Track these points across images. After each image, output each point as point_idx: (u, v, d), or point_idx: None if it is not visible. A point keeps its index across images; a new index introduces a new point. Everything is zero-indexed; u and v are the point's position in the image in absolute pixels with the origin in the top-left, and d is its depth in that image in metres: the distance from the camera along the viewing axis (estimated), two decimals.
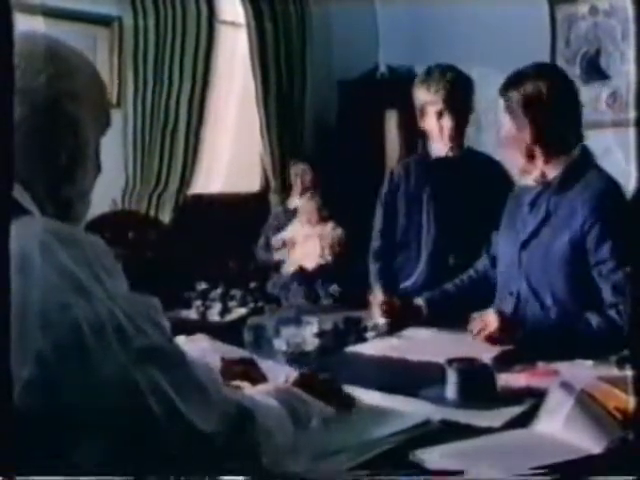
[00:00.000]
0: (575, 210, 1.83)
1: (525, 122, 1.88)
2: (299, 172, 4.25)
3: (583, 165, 1.89)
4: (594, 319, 1.74)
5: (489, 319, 1.78)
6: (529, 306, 1.88)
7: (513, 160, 1.97)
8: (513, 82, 1.91)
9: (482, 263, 2.19)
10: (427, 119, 2.51)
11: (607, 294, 1.78)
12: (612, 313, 1.74)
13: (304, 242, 4.10)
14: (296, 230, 4.13)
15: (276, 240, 4.13)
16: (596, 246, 1.79)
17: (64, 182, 1.01)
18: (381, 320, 2.03)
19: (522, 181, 2.01)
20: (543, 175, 1.92)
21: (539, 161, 1.91)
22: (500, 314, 1.80)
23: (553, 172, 1.90)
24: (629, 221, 1.80)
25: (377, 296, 2.06)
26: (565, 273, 1.83)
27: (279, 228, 4.20)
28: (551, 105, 1.87)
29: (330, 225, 4.11)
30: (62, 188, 1.01)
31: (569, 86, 1.95)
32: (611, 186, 1.86)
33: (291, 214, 4.22)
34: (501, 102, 1.93)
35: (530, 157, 1.91)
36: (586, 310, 1.77)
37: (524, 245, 1.93)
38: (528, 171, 1.94)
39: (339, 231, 4.08)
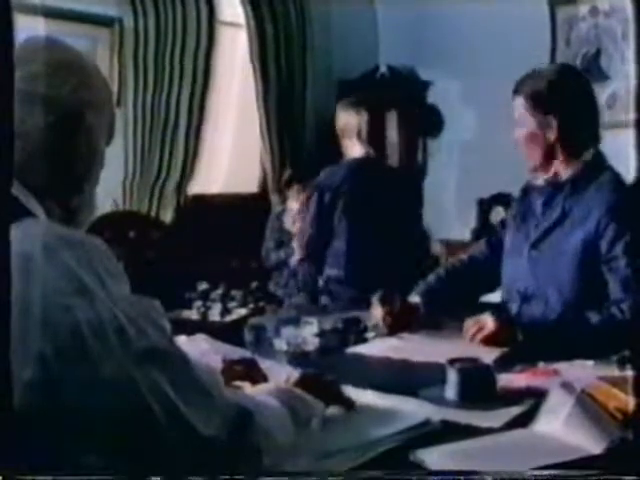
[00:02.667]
0: (590, 211, 1.83)
1: (549, 120, 1.88)
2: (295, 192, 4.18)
3: (598, 166, 1.90)
4: (594, 317, 1.74)
5: (485, 322, 1.78)
6: (534, 303, 1.88)
7: (531, 158, 1.95)
8: (536, 80, 1.92)
9: (478, 249, 2.19)
10: None
11: (614, 289, 1.78)
12: (614, 310, 1.74)
13: None
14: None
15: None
16: (610, 245, 1.79)
17: (75, 191, 1.02)
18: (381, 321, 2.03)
19: (533, 180, 2.01)
20: (556, 175, 1.93)
21: (557, 161, 1.91)
22: (496, 317, 1.79)
23: (567, 173, 1.91)
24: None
25: (377, 309, 2.00)
26: (576, 272, 1.83)
27: (281, 229, 4.18)
28: (575, 104, 1.89)
29: None
30: (73, 197, 1.02)
31: (588, 87, 1.97)
32: (625, 186, 1.88)
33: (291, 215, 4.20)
34: (519, 100, 1.92)
35: (549, 156, 1.91)
36: (587, 309, 1.76)
37: (535, 244, 1.93)
38: (544, 170, 1.94)
39: None
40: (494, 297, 2.16)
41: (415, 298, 2.08)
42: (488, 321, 1.78)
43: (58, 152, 0.99)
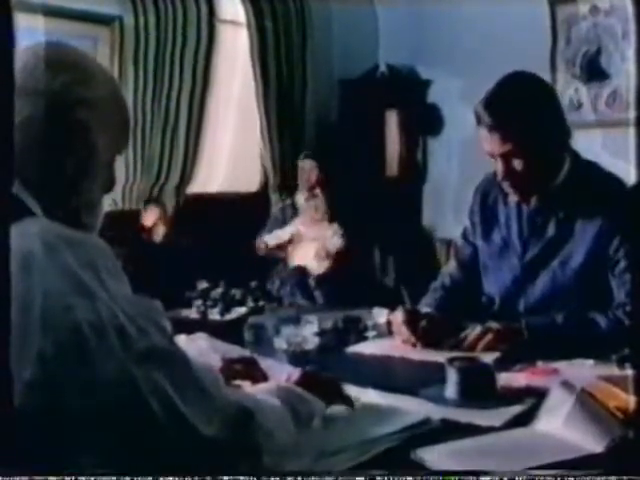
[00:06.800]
0: (588, 220, 1.77)
1: (508, 136, 1.74)
2: (306, 168, 4.22)
3: (579, 174, 1.82)
4: (602, 320, 1.71)
5: (486, 329, 1.73)
6: (535, 317, 1.80)
7: (500, 175, 1.81)
8: (491, 96, 1.79)
9: (452, 269, 2.07)
10: None
11: (619, 293, 1.75)
12: (619, 313, 1.72)
13: (306, 242, 4.09)
14: (299, 228, 4.12)
15: (282, 233, 4.12)
16: (615, 250, 1.76)
17: (69, 190, 1.01)
18: (381, 319, 2.02)
19: (511, 197, 1.88)
20: (534, 191, 1.82)
21: (528, 176, 1.77)
22: (499, 324, 1.74)
23: (546, 187, 1.81)
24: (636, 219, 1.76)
25: (401, 329, 1.83)
26: (582, 282, 1.79)
27: (284, 222, 4.20)
28: (532, 118, 1.74)
29: (331, 229, 4.09)
30: (69, 195, 1.01)
31: (548, 93, 1.84)
32: (618, 186, 1.82)
33: (296, 210, 4.22)
34: (479, 117, 1.79)
35: (516, 172, 1.77)
36: (592, 312, 1.74)
37: (529, 265, 1.86)
38: (516, 187, 1.81)
39: (339, 241, 4.05)
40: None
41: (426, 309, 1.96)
42: (491, 328, 1.72)
43: (47, 148, 0.98)
